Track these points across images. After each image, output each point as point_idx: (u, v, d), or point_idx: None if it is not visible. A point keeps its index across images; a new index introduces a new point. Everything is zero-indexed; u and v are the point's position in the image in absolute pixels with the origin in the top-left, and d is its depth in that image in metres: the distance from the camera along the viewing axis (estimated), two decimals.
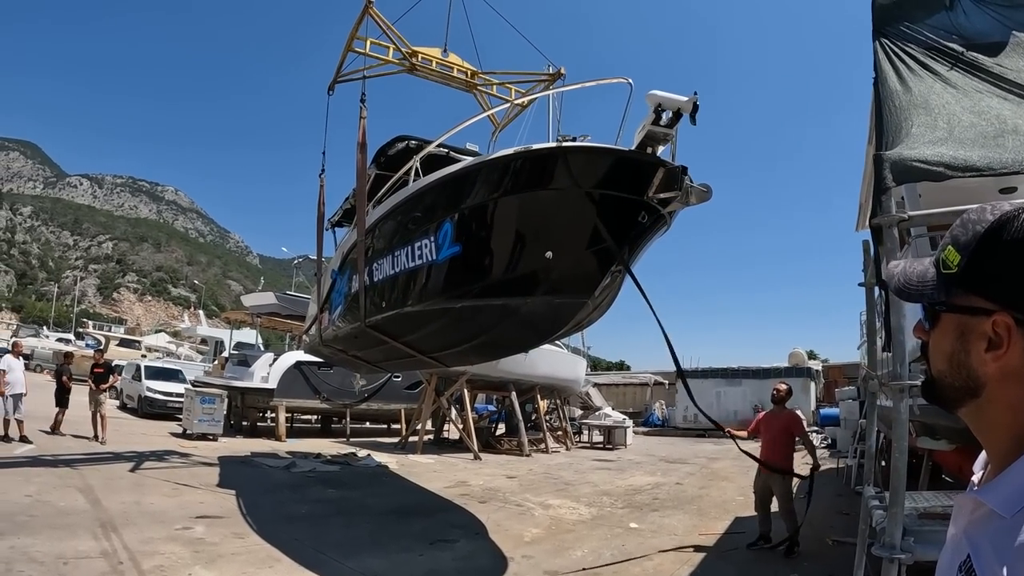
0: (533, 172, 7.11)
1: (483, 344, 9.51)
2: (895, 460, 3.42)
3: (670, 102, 6.08)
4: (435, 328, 9.09)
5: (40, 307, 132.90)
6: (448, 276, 7.98)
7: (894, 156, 3.76)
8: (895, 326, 3.40)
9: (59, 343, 45.35)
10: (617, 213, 6.77)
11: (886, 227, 3.55)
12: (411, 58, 11.97)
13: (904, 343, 3.37)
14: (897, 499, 3.37)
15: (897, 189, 4.29)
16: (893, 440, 3.47)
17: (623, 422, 28.91)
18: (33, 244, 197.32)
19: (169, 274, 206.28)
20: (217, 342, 47.62)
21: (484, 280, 7.70)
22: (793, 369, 34.60)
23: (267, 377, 22.44)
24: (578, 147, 6.82)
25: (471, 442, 21.24)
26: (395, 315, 9.07)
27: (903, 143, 3.92)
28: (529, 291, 7.56)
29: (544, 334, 9.16)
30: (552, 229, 7.16)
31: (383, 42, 11.84)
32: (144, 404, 25.47)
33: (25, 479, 11.20)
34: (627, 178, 6.64)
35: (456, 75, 12.52)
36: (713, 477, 17.76)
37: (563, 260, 7.16)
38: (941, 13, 5.10)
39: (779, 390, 9.96)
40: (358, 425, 25.95)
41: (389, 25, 11.52)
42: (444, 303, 8.21)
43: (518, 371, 23.00)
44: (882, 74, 4.71)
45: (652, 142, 6.44)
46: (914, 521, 3.67)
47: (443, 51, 12.40)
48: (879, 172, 3.75)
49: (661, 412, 42.32)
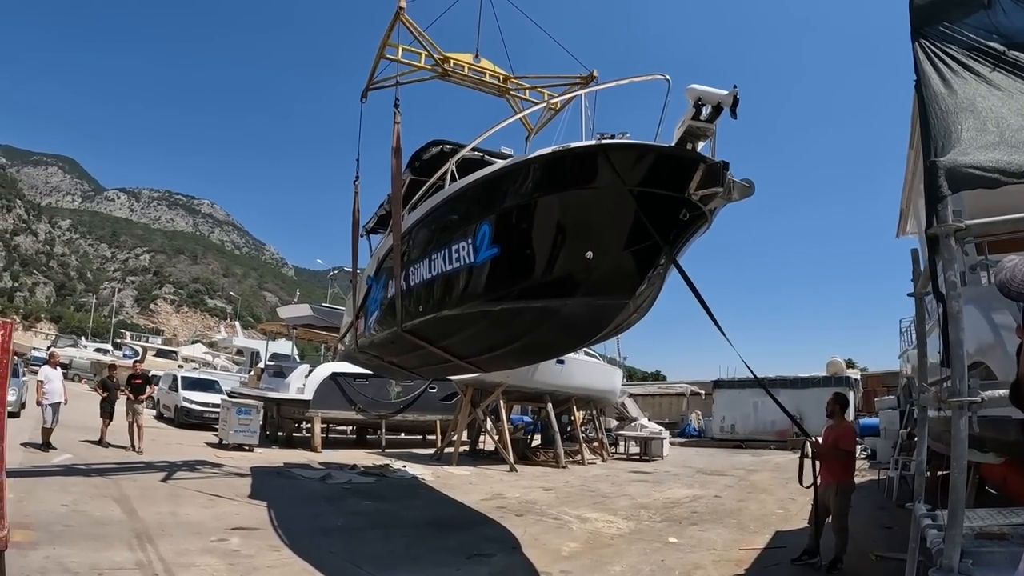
0: (572, 170, 7.01)
1: (522, 348, 9.35)
2: (954, 479, 3.28)
3: (710, 96, 5.96)
4: (473, 332, 8.98)
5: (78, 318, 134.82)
6: (486, 278, 7.87)
7: (948, 163, 3.62)
8: (954, 340, 3.26)
9: (97, 353, 46.12)
10: (658, 211, 6.63)
11: (943, 237, 3.41)
12: (443, 64, 11.99)
13: (963, 357, 3.23)
14: (956, 520, 3.23)
15: None
16: (952, 458, 3.33)
17: (659, 433, 28.63)
18: (72, 256, 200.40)
19: (205, 286, 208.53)
20: (253, 353, 48.14)
21: (523, 282, 7.58)
22: (831, 378, 33.96)
23: (303, 388, 22.55)
24: (618, 144, 6.71)
25: (507, 454, 21.16)
26: (432, 319, 8.96)
27: (955, 149, 3.78)
28: (569, 292, 7.42)
29: (584, 337, 8.97)
30: (592, 228, 7.04)
31: (415, 48, 11.85)
32: (181, 414, 25.77)
33: (62, 488, 11.30)
34: (668, 175, 6.52)
35: (488, 80, 12.50)
36: (752, 489, 17.49)
37: (604, 260, 7.02)
38: (980, 12, 4.94)
39: (828, 403, 9.73)
40: (393, 436, 25.94)
41: (421, 31, 11.52)
42: (482, 306, 8.09)
43: (554, 382, 22.89)
44: (924, 77, 4.57)
45: (692, 138, 6.31)
46: (972, 542, 3.52)
47: (475, 56, 12.39)
48: (933, 180, 3.61)
49: (697, 422, 41.95)
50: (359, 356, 14.46)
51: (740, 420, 35.42)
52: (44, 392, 15.82)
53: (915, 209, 11.08)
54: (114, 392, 18.01)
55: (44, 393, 15.80)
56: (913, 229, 12.34)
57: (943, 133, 3.95)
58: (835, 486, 9.08)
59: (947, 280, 3.31)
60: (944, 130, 3.97)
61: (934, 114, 4.22)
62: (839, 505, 9.06)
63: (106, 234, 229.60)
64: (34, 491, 10.64)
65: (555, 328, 8.25)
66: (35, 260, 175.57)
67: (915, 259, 5.22)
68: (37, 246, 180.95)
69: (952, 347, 3.30)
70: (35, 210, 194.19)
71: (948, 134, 3.92)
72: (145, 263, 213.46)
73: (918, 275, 5.00)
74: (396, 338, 10.49)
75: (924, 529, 4.08)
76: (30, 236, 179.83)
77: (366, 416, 23.99)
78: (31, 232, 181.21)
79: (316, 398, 22.40)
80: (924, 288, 4.76)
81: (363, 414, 23.80)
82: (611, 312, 7.80)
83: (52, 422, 15.78)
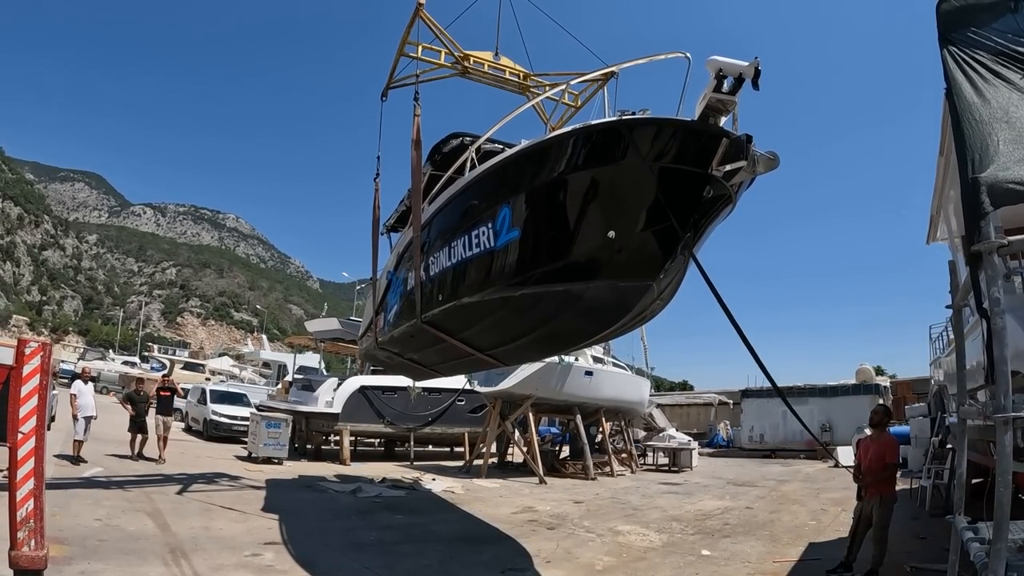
0: (593, 149, 6.94)
1: (543, 337, 9.13)
2: (999, 494, 3.25)
3: (731, 67, 5.89)
4: (493, 320, 8.85)
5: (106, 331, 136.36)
6: (507, 262, 7.79)
7: (990, 179, 3.60)
8: (998, 356, 3.24)
9: (125, 366, 46.61)
10: (681, 188, 6.57)
11: (986, 254, 3.39)
12: (463, 61, 11.98)
13: (1007, 373, 3.21)
14: (1001, 534, 3.20)
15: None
16: (998, 473, 3.30)
17: (688, 443, 28.49)
18: (99, 271, 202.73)
19: (231, 299, 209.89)
20: (280, 366, 48.39)
21: (545, 265, 7.47)
22: (861, 386, 33.70)
23: (331, 402, 22.64)
24: (639, 120, 6.63)
25: (536, 466, 21.10)
26: (452, 307, 8.86)
27: (993, 163, 3.75)
28: (591, 275, 7.31)
29: (606, 323, 8.59)
30: (614, 207, 6.96)
31: (435, 47, 11.91)
32: (209, 427, 25.96)
33: (95, 502, 11.40)
34: (690, 150, 6.45)
35: (508, 77, 12.47)
36: (783, 500, 17.34)
37: (626, 240, 6.96)
38: (1007, 16, 4.90)
39: (875, 412, 9.59)
40: (421, 449, 26.00)
41: (440, 29, 11.55)
42: (503, 291, 7.96)
43: (583, 394, 22.89)
44: (956, 85, 4.53)
45: (714, 112, 6.23)
46: (1015, 555, 3.49)
47: (494, 54, 12.42)
48: (975, 196, 3.58)
49: (726, 432, 41.65)
50: (379, 354, 14.44)
51: (769, 429, 35.12)
52: (77, 406, 16.10)
53: (945, 215, 10.98)
54: (141, 406, 18.16)
55: (77, 407, 16.08)
56: (943, 235, 12.20)
57: (980, 145, 3.92)
58: (879, 498, 8.99)
59: (991, 297, 3.30)
60: (981, 142, 3.94)
61: (969, 125, 4.18)
62: (881, 516, 8.94)
63: (133, 248, 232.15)
64: (68, 505, 10.75)
65: (577, 313, 8.07)
66: (63, 274, 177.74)
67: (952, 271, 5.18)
68: (65, 260, 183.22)
69: (996, 363, 3.28)
70: (63, 225, 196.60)
71: (985, 147, 3.89)
72: (171, 277, 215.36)
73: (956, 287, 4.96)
74: (416, 331, 10.40)
75: (967, 543, 4.04)
76: (58, 251, 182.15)
77: (394, 429, 24.01)
78: (59, 247, 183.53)
79: (345, 411, 22.47)
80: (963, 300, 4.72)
81: (391, 427, 23.81)
82: (635, 295, 7.62)
83: (84, 435, 16.04)
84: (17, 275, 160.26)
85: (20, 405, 6.44)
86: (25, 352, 6.58)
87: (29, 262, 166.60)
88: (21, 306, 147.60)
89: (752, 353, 6.00)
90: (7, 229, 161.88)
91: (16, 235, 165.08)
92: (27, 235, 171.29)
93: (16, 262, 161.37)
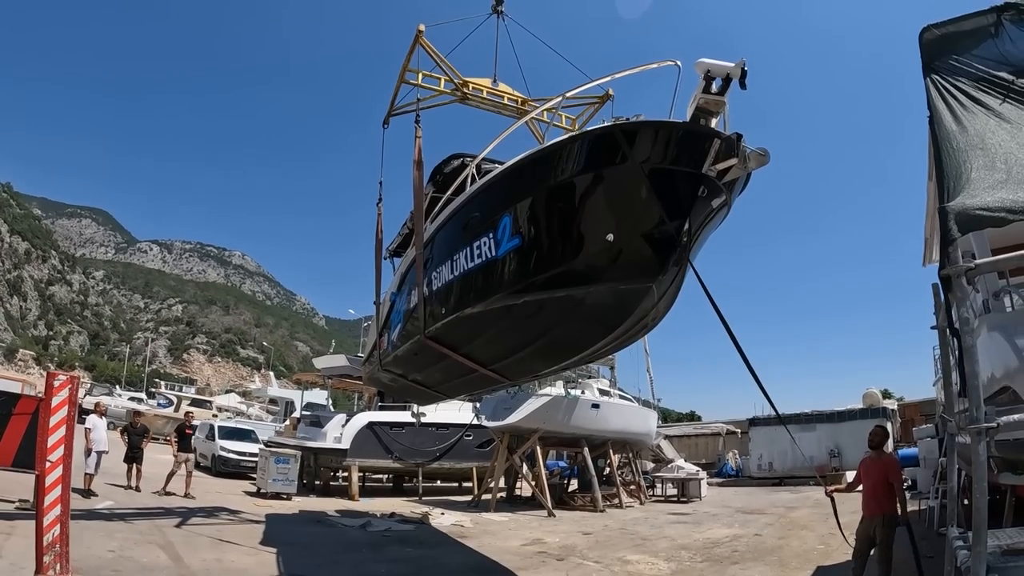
0: (590, 154, 7.13)
1: (547, 346, 9.19)
2: (976, 499, 3.42)
3: (719, 68, 6.12)
4: (497, 330, 8.96)
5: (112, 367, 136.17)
6: (508, 270, 7.93)
7: (957, 207, 3.82)
8: (970, 372, 3.43)
9: (131, 402, 46.65)
10: (676, 189, 6.75)
11: (955, 277, 3.60)
12: (463, 88, 12.28)
13: (979, 387, 3.40)
14: (980, 537, 3.36)
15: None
16: (973, 480, 3.48)
17: (696, 474, 28.43)
18: (105, 306, 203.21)
19: (237, 336, 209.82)
20: (287, 403, 48.31)
21: (545, 270, 7.61)
22: (868, 410, 33.49)
23: (340, 437, 22.74)
24: (633, 124, 6.84)
25: (544, 499, 21.15)
26: (455, 319, 8.96)
27: (965, 190, 3.97)
28: (592, 279, 7.47)
29: (609, 327, 8.64)
30: (612, 211, 7.13)
31: (435, 74, 12.20)
32: (218, 463, 25.98)
33: (107, 534, 11.47)
34: (684, 152, 6.64)
35: (507, 103, 12.74)
36: (792, 526, 17.35)
37: (625, 242, 7.12)
38: (988, 42, 5.10)
39: (874, 434, 9.69)
40: (430, 484, 25.99)
41: (440, 56, 11.86)
42: (506, 299, 8.08)
43: (590, 426, 22.98)
44: (937, 114, 4.74)
45: (705, 115, 6.46)
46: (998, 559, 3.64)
47: (493, 81, 12.70)
48: (944, 224, 3.80)
49: (735, 462, 41.46)
50: (382, 376, 14.54)
51: (778, 457, 34.90)
52: (92, 440, 16.32)
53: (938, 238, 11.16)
54: (136, 438, 18.30)
55: (92, 440, 16.31)
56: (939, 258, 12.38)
57: (954, 173, 4.15)
58: (881, 517, 9.04)
59: (961, 317, 3.50)
60: (955, 170, 4.16)
61: (947, 152, 4.41)
62: (885, 536, 9.01)
63: (139, 285, 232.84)
64: (80, 536, 10.76)
65: (580, 319, 8.20)
66: (69, 310, 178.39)
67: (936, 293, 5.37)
68: (71, 296, 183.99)
69: (968, 378, 3.47)
70: (69, 261, 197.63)
71: (959, 175, 4.11)
72: (178, 313, 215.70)
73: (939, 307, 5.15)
74: (419, 348, 10.52)
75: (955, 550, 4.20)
76: (65, 286, 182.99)
77: (403, 464, 24.09)
78: (66, 282, 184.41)
79: (353, 447, 22.57)
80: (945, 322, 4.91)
81: (400, 462, 23.89)
82: (636, 298, 7.75)
83: (95, 469, 16.26)
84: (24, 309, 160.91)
85: (49, 435, 6.71)
86: (54, 384, 6.86)
87: (36, 297, 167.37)
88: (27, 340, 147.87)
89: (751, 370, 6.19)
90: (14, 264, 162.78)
91: (23, 270, 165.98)
92: (34, 270, 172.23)
93: (23, 297, 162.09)
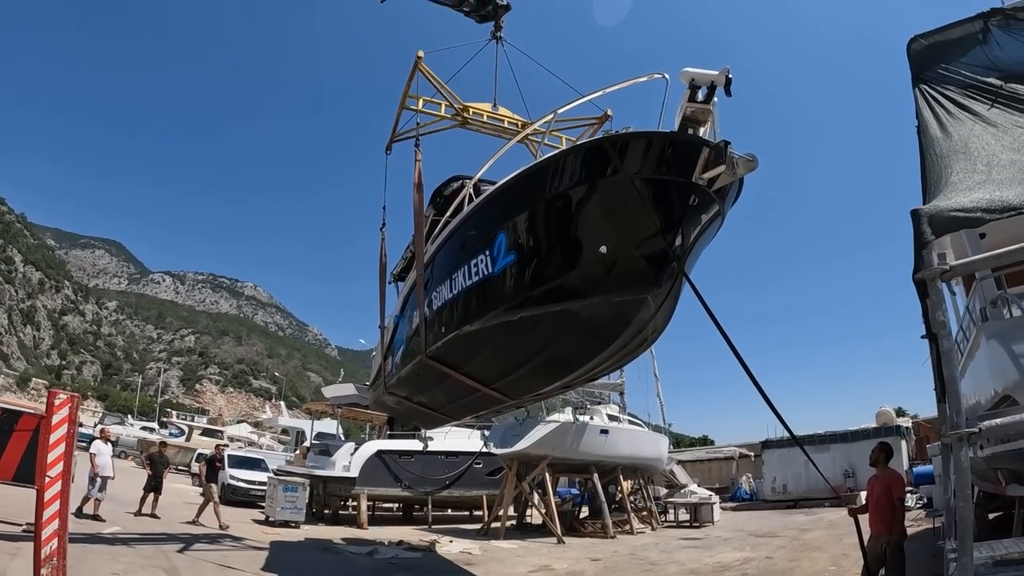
0: (581, 168, 7.21)
1: (546, 362, 9.20)
2: (959, 509, 3.38)
3: (703, 77, 6.23)
4: (495, 348, 9.01)
5: (124, 397, 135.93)
6: (505, 286, 8.01)
7: (930, 210, 3.81)
8: (948, 377, 3.39)
9: (143, 431, 46.84)
10: (667, 198, 6.80)
11: (930, 280, 3.57)
12: (463, 113, 12.40)
13: (958, 392, 3.36)
14: (965, 547, 3.31)
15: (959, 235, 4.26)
16: (956, 488, 3.44)
17: (709, 498, 28.23)
18: (118, 337, 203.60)
19: (250, 366, 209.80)
20: (298, 432, 48.30)
21: (541, 285, 7.68)
22: (882, 429, 33.17)
23: (348, 466, 22.71)
24: (622, 136, 6.93)
25: (554, 526, 21.02)
26: (455, 338, 9.05)
27: (941, 193, 3.97)
28: (587, 291, 7.53)
29: (607, 340, 8.65)
30: (604, 223, 7.19)
31: (435, 99, 12.31)
32: (227, 492, 25.87)
33: (112, 558, 11.44)
34: (673, 161, 6.69)
35: (507, 127, 12.82)
36: (805, 548, 17.12)
37: (618, 254, 7.17)
38: (976, 49, 5.14)
39: (874, 451, 9.62)
40: (440, 512, 25.90)
41: (440, 81, 11.99)
42: (503, 316, 8.17)
43: (599, 452, 22.89)
44: (923, 122, 4.76)
45: (693, 124, 6.52)
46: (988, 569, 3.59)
47: (493, 105, 12.81)
48: (917, 227, 3.79)
49: (748, 485, 41.07)
50: (388, 399, 14.60)
51: (792, 479, 34.54)
52: (97, 465, 16.32)
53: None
54: (160, 467, 18.53)
55: (97, 466, 16.33)
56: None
57: (935, 179, 4.16)
58: (886, 537, 8.93)
59: (936, 320, 3.48)
60: (936, 175, 4.17)
61: (930, 159, 4.43)
62: (895, 558, 8.87)
63: (152, 315, 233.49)
64: (85, 559, 10.74)
65: (577, 333, 8.24)
66: (82, 339, 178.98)
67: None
68: (84, 326, 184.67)
69: (947, 384, 3.44)
70: (83, 291, 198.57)
71: (939, 179, 4.12)
72: (190, 344, 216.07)
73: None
74: (421, 369, 10.58)
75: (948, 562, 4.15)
76: (78, 316, 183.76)
77: (412, 493, 24.04)
78: (79, 312, 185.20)
79: (362, 475, 22.54)
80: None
81: (409, 491, 23.84)
82: (632, 308, 7.77)
83: (100, 494, 16.22)
84: (37, 339, 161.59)
85: (49, 451, 6.86)
86: (55, 403, 7.00)
87: (49, 327, 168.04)
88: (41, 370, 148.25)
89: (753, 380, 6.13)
90: (28, 293, 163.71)
91: (37, 299, 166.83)
92: (48, 300, 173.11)
93: (36, 326, 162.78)
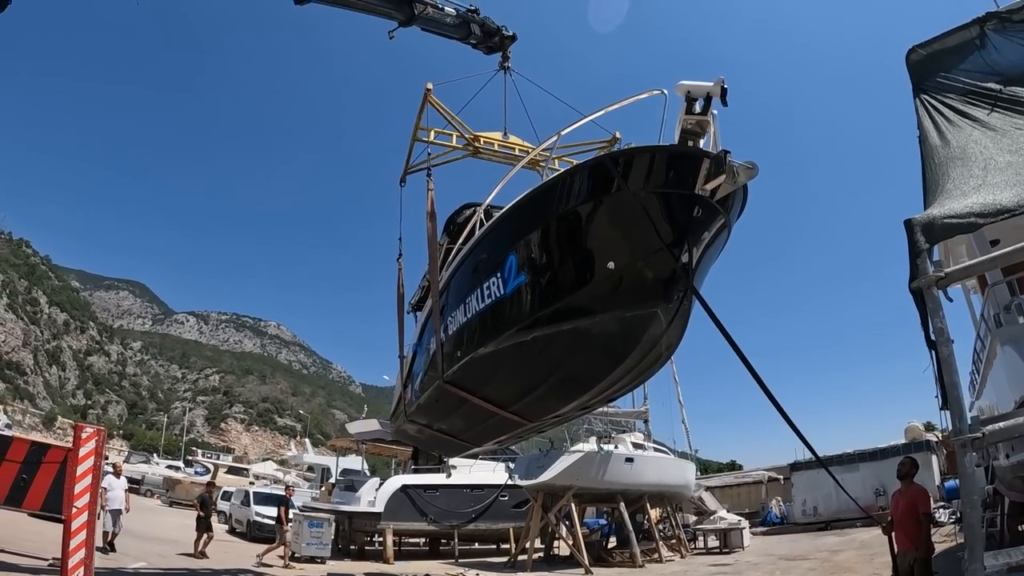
0: (584, 186, 7.28)
1: (561, 381, 9.23)
2: (967, 515, 3.35)
3: (699, 89, 6.28)
4: (510, 369, 9.07)
5: (150, 436, 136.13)
6: (517, 307, 8.06)
7: (924, 219, 3.81)
8: (949, 383, 3.38)
9: (168, 470, 47.02)
10: (670, 211, 6.83)
11: (926, 288, 3.57)
12: (474, 142, 12.60)
13: (960, 399, 3.35)
14: (975, 555, 3.28)
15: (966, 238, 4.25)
16: (962, 495, 3.40)
17: (738, 523, 27.95)
18: (143, 376, 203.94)
19: (274, 405, 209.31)
20: (324, 469, 48.28)
21: (551, 304, 7.74)
22: (911, 444, 32.65)
23: (374, 501, 22.71)
24: (623, 152, 7.08)
25: (581, 557, 20.92)
26: (470, 361, 9.10)
27: (936, 201, 3.98)
28: (597, 308, 7.57)
29: (620, 356, 8.63)
30: (609, 240, 7.25)
31: (446, 131, 12.46)
32: (252, 528, 25.86)
33: None
34: (674, 174, 6.72)
35: (518, 154, 12.89)
36: (835, 570, 16.87)
37: (626, 269, 7.22)
38: (974, 55, 5.16)
39: (901, 464, 9.52)
40: (466, 546, 25.77)
41: (450, 113, 12.18)
42: (516, 336, 8.22)
43: (625, 481, 22.79)
44: (924, 132, 4.78)
45: (691, 135, 6.56)
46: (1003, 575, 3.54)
47: (503, 134, 12.94)
48: (911, 236, 3.79)
49: (778, 509, 40.54)
50: (409, 428, 14.63)
51: (822, 501, 34.02)
52: (107, 499, 16.48)
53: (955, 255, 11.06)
54: (210, 507, 18.74)
55: (107, 499, 16.48)
56: None
57: (933, 187, 4.17)
58: (913, 553, 8.81)
59: (935, 328, 3.47)
60: (934, 183, 4.19)
61: (929, 169, 4.45)
62: (922, 573, 8.75)
63: (176, 355, 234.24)
64: None
65: (590, 351, 8.30)
66: (108, 379, 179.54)
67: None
68: (110, 366, 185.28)
69: (949, 390, 3.42)
70: (107, 332, 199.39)
71: (936, 187, 4.14)
72: (215, 383, 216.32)
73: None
74: (440, 395, 10.62)
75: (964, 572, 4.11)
76: (103, 356, 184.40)
77: (438, 527, 23.94)
78: (104, 352, 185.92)
79: (387, 510, 22.52)
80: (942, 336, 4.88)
81: (435, 525, 23.76)
82: (642, 323, 7.80)
83: (115, 527, 16.40)
84: (63, 379, 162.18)
85: (76, 483, 6.99)
86: (82, 436, 7.13)
87: (75, 367, 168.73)
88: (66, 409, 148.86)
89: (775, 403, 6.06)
90: (53, 334, 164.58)
91: (62, 340, 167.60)
92: (73, 340, 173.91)
93: (62, 366, 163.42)
